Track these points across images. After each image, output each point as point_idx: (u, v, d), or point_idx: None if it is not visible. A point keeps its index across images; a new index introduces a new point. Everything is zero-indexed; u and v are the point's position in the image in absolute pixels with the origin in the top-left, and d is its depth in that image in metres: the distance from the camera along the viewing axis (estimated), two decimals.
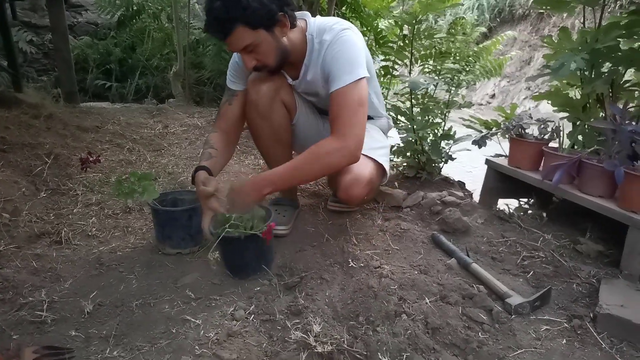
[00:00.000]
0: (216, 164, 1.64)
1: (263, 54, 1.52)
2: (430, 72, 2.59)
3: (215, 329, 1.21)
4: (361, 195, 1.66)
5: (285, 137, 1.82)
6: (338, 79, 1.51)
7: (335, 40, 1.55)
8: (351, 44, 1.55)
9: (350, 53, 1.53)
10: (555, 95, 2.10)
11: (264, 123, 1.75)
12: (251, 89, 1.70)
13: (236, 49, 1.50)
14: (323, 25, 1.60)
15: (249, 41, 1.46)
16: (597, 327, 1.26)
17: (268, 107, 1.70)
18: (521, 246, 1.69)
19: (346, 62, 1.52)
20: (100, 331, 1.24)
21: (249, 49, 1.49)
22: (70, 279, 1.50)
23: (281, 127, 1.78)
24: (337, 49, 1.54)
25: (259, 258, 1.51)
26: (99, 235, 1.81)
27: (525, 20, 10.69)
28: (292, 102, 1.78)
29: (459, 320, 1.25)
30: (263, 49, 1.50)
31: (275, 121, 1.75)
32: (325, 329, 1.21)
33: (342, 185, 1.62)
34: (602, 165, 1.60)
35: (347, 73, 1.50)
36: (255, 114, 1.73)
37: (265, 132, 1.78)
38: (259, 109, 1.71)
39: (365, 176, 1.63)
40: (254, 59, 1.52)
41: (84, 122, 3.12)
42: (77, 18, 6.29)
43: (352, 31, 1.58)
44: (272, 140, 1.80)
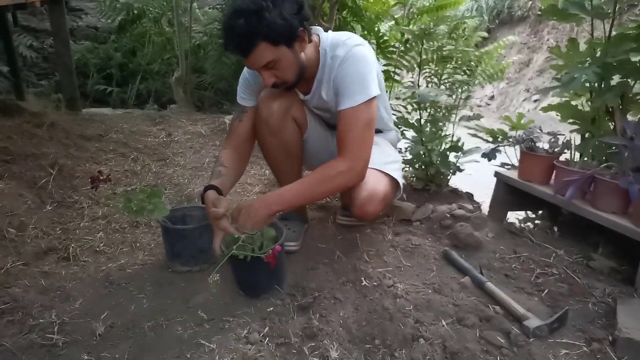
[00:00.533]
0: (226, 182, 1.63)
1: (283, 70, 1.50)
2: (430, 76, 2.58)
3: (230, 353, 1.20)
4: (377, 212, 1.64)
5: (296, 153, 1.80)
6: (349, 98, 1.50)
7: (347, 57, 1.54)
8: (364, 60, 1.53)
9: (362, 70, 1.52)
10: (565, 107, 2.09)
11: (275, 140, 1.73)
12: (262, 106, 1.68)
13: (257, 66, 1.47)
14: (336, 40, 1.59)
15: (271, 58, 1.44)
16: (617, 351, 1.24)
17: (279, 124, 1.68)
18: (534, 262, 1.68)
19: (358, 81, 1.50)
20: (113, 355, 1.22)
21: (270, 65, 1.46)
22: (80, 299, 1.48)
23: (292, 144, 1.76)
24: (349, 65, 1.53)
25: (270, 277, 1.49)
26: (107, 251, 1.79)
27: (524, 22, 10.70)
28: (304, 118, 1.76)
29: (477, 344, 1.23)
30: (284, 65, 1.48)
31: (286, 138, 1.73)
32: (342, 354, 1.20)
33: (358, 202, 1.60)
34: (615, 182, 1.59)
35: (358, 93, 1.49)
36: (266, 131, 1.71)
37: (275, 148, 1.76)
38: (270, 126, 1.69)
39: (381, 192, 1.62)
40: (273, 75, 1.50)
41: (86, 131, 3.10)
42: (77, 22, 6.26)
43: (365, 47, 1.57)
44: (283, 156, 1.79)
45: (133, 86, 5.17)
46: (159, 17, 5.36)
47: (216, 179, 1.61)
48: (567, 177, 1.72)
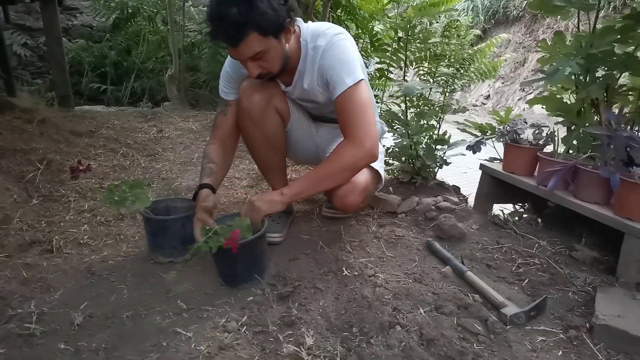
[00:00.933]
0: (218, 178, 1.67)
1: (270, 61, 1.50)
2: (425, 74, 2.58)
3: (206, 341, 1.19)
4: (357, 203, 1.65)
5: (279, 144, 1.81)
6: (340, 83, 1.51)
7: (330, 46, 1.55)
8: (345, 47, 1.56)
9: (346, 56, 1.54)
10: (550, 100, 2.09)
11: (257, 131, 1.73)
12: (243, 97, 1.68)
13: (244, 57, 1.46)
14: (316, 31, 1.59)
15: (260, 48, 1.43)
16: (594, 338, 1.24)
17: (261, 114, 1.68)
18: (516, 253, 1.68)
19: (344, 66, 1.53)
20: (90, 344, 1.22)
21: (258, 56, 1.46)
22: (60, 289, 1.48)
23: (275, 135, 1.76)
24: (333, 53, 1.54)
25: (249, 267, 1.49)
26: (91, 243, 1.79)
27: (519, 21, 10.72)
28: (286, 109, 1.76)
29: (454, 331, 1.23)
30: (271, 56, 1.48)
31: (268, 129, 1.73)
32: (318, 341, 1.19)
33: (338, 193, 1.61)
34: (597, 172, 1.59)
35: (347, 76, 1.51)
36: (249, 122, 1.71)
37: (258, 139, 1.76)
38: (252, 117, 1.69)
39: (361, 184, 1.63)
40: (259, 66, 1.49)
41: (77, 127, 3.10)
42: (72, 21, 6.27)
43: (345, 35, 1.59)
44: (266, 147, 1.79)
45: (127, 84, 5.18)
46: (154, 15, 5.38)
47: (208, 177, 1.63)
48: (550, 168, 1.73)
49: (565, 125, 2.09)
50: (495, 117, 2.45)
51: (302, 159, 2.16)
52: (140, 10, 5.31)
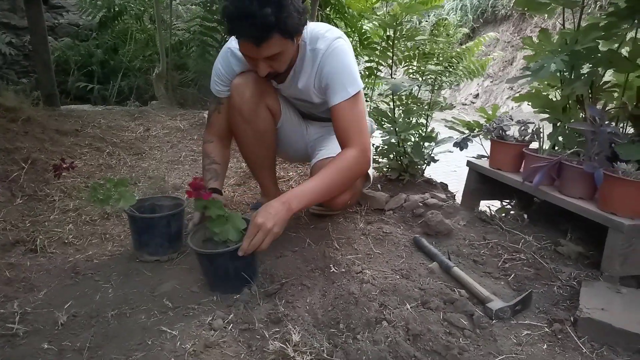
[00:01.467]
0: (222, 180, 1.70)
1: (282, 62, 1.49)
2: (414, 73, 2.59)
3: (192, 339, 1.18)
4: (344, 201, 1.65)
5: (269, 141, 1.80)
6: (342, 91, 1.53)
7: (330, 51, 1.55)
8: (347, 54, 1.57)
9: (348, 64, 1.56)
10: (536, 96, 2.11)
11: (248, 127, 1.72)
12: (235, 94, 1.66)
13: (261, 56, 1.42)
14: (315, 33, 1.58)
15: (279, 50, 1.42)
16: (578, 331, 1.25)
17: (252, 111, 1.68)
18: (502, 248, 1.69)
19: (346, 74, 1.55)
20: (74, 343, 1.20)
21: (274, 57, 1.44)
22: (44, 289, 1.46)
23: (266, 132, 1.75)
24: (335, 60, 1.55)
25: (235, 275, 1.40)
26: (76, 242, 1.77)
27: (507, 20, 10.80)
28: (277, 106, 1.76)
29: (440, 326, 1.23)
30: (284, 57, 1.48)
31: (259, 126, 1.72)
32: (304, 338, 1.19)
33: None
34: (581, 167, 1.60)
35: (349, 85, 1.54)
36: (240, 119, 1.70)
37: (249, 136, 1.75)
38: (243, 114, 1.68)
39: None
40: (269, 66, 1.47)
41: (63, 126, 3.06)
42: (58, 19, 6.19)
43: (344, 40, 1.59)
44: (257, 145, 1.78)
45: (114, 83, 5.13)
46: (141, 13, 5.33)
47: (215, 181, 1.66)
48: (535, 164, 1.74)
49: (550, 122, 2.11)
50: (482, 114, 2.46)
51: (292, 156, 2.16)
52: (127, 9, 5.26)
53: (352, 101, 1.54)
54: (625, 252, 1.48)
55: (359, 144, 1.52)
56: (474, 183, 2.14)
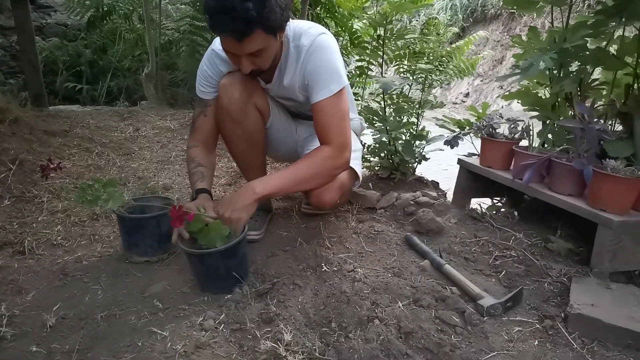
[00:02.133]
0: (210, 182, 1.65)
1: (265, 59, 1.47)
2: (404, 72, 2.59)
3: (183, 340, 1.17)
4: (333, 201, 1.65)
5: (259, 141, 1.79)
6: (324, 88, 1.51)
7: (314, 48, 1.54)
8: (331, 51, 1.55)
9: (332, 60, 1.54)
10: (525, 94, 2.12)
11: (237, 128, 1.70)
12: (222, 94, 1.64)
13: (244, 52, 1.41)
14: (298, 29, 1.57)
15: (261, 46, 1.40)
16: (569, 327, 1.26)
17: (241, 111, 1.66)
18: (493, 246, 1.70)
19: (330, 72, 1.53)
20: (63, 346, 1.19)
21: (257, 53, 1.42)
22: (32, 291, 1.44)
23: (255, 132, 1.74)
24: (318, 57, 1.53)
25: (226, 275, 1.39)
26: (65, 244, 1.75)
27: (497, 20, 10.87)
28: (266, 106, 1.75)
29: (431, 324, 1.23)
30: (267, 54, 1.46)
31: (248, 126, 1.71)
32: (296, 337, 1.18)
33: (314, 191, 1.61)
34: (571, 164, 1.61)
35: (332, 82, 1.52)
36: (228, 119, 1.68)
37: (238, 137, 1.73)
38: (232, 114, 1.66)
39: (337, 182, 1.62)
40: (253, 63, 1.46)
41: (51, 126, 3.03)
42: (46, 19, 6.13)
43: (328, 35, 1.58)
44: (246, 145, 1.76)
45: (103, 83, 5.08)
46: (130, 13, 5.28)
47: (202, 182, 1.60)
48: (525, 162, 1.75)
49: (540, 120, 2.12)
50: (472, 112, 2.47)
51: (282, 156, 2.15)
52: (116, 8, 5.20)
53: (335, 99, 1.52)
54: (614, 249, 1.49)
55: (337, 141, 1.51)
56: (465, 181, 2.14)
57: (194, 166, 1.65)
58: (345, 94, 1.57)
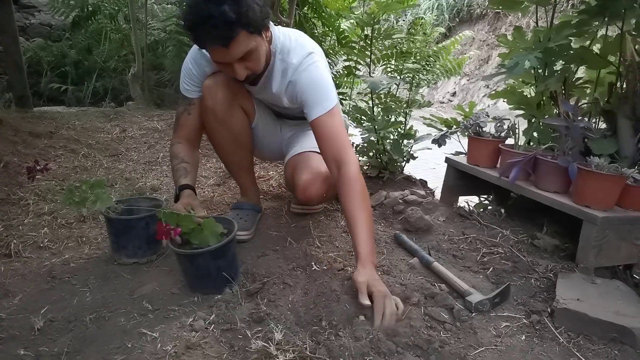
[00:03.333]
0: (193, 178, 1.63)
1: (256, 60, 1.46)
2: (392, 71, 2.61)
3: (173, 341, 1.17)
4: (319, 194, 1.65)
5: (245, 141, 1.79)
6: (318, 105, 1.52)
7: (303, 68, 1.55)
8: (319, 70, 1.56)
9: (321, 80, 1.55)
10: (511, 93, 2.15)
11: (223, 128, 1.70)
12: (207, 95, 1.64)
13: (234, 57, 1.40)
14: (287, 44, 1.57)
15: (249, 47, 1.39)
16: (555, 322, 1.28)
17: (226, 112, 1.66)
18: (481, 243, 1.72)
19: (321, 90, 1.54)
20: (52, 349, 1.17)
21: (246, 56, 1.41)
22: (19, 294, 1.42)
23: (241, 132, 1.74)
24: (308, 78, 1.54)
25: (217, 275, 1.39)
26: (52, 246, 1.73)
27: (482, 19, 10.97)
28: (251, 106, 1.75)
29: (421, 321, 1.24)
30: (257, 55, 1.44)
31: (234, 126, 1.71)
32: (287, 336, 1.19)
33: (300, 186, 1.62)
34: (556, 162, 1.64)
35: (325, 100, 1.53)
36: (213, 120, 1.68)
37: (224, 137, 1.73)
38: (217, 115, 1.66)
39: (322, 174, 1.64)
40: (246, 67, 1.45)
41: (36, 128, 2.99)
42: (30, 19, 6.06)
43: (316, 54, 1.58)
44: (232, 145, 1.76)
45: (89, 84, 5.03)
46: (115, 13, 5.24)
47: (185, 178, 1.58)
48: (511, 160, 1.77)
49: (525, 118, 2.15)
50: (459, 111, 2.49)
51: (268, 156, 2.16)
52: (101, 8, 5.16)
53: (330, 115, 1.52)
54: (599, 244, 1.52)
55: (351, 157, 1.50)
56: (453, 179, 2.16)
57: (177, 162, 1.64)
58: (339, 111, 1.58)
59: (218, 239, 1.39)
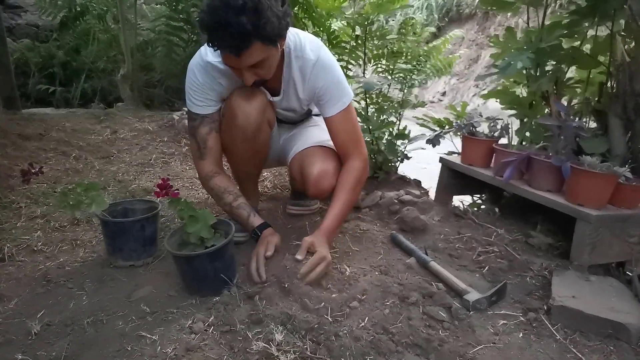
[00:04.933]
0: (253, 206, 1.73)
1: (267, 69, 1.44)
2: (383, 71, 2.62)
3: (172, 343, 1.17)
4: (331, 187, 1.64)
5: (264, 154, 1.80)
6: (337, 102, 1.58)
7: (322, 64, 1.56)
8: (335, 65, 1.60)
9: (339, 75, 1.60)
10: (503, 93, 2.17)
11: (249, 146, 1.66)
12: (239, 114, 1.56)
13: (244, 65, 1.38)
14: (299, 41, 1.56)
15: (261, 57, 1.37)
16: (551, 319, 1.30)
17: (256, 131, 1.62)
18: (476, 242, 1.73)
19: (340, 86, 1.59)
20: (50, 353, 1.17)
21: (258, 64, 1.39)
22: (15, 299, 1.41)
23: (264, 147, 1.75)
24: (328, 73, 1.57)
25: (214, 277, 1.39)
26: (45, 250, 1.71)
27: (472, 19, 11.06)
28: (273, 119, 1.75)
29: (419, 320, 1.26)
30: (268, 64, 1.43)
31: (260, 143, 1.69)
32: (287, 337, 1.19)
33: (312, 180, 1.62)
34: (549, 161, 1.66)
35: (343, 95, 1.59)
36: (241, 138, 1.62)
37: (247, 152, 1.69)
38: (247, 134, 1.61)
39: (332, 167, 1.65)
40: (255, 74, 1.43)
41: (25, 130, 2.95)
42: (16, 20, 5.97)
43: (326, 49, 1.60)
44: (252, 160, 1.76)
45: (77, 85, 4.96)
46: (104, 13, 5.17)
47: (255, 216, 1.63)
48: (505, 159, 1.79)
49: (518, 118, 2.17)
50: (452, 111, 2.51)
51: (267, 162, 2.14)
52: (90, 8, 5.09)
53: (347, 111, 1.59)
54: (593, 242, 1.54)
55: (360, 153, 1.62)
56: (447, 179, 2.18)
57: (232, 198, 1.62)
58: (353, 106, 1.65)
59: (210, 232, 1.39)
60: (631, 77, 1.69)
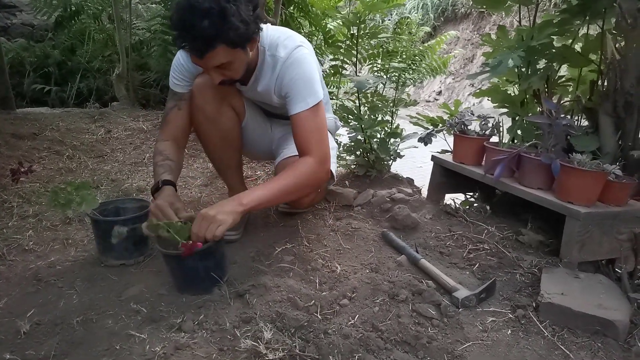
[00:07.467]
0: (176, 176, 1.60)
1: (234, 70, 1.46)
2: (378, 70, 2.62)
3: (161, 342, 1.17)
4: (309, 200, 1.66)
5: (235, 141, 1.78)
6: (301, 101, 1.53)
7: (291, 61, 1.55)
8: (307, 63, 1.56)
9: (308, 74, 1.55)
10: (495, 92, 2.18)
11: (213, 127, 1.69)
12: (197, 93, 1.63)
13: (208, 66, 1.41)
14: (275, 39, 1.58)
15: (225, 60, 1.39)
16: (540, 316, 1.31)
17: (216, 111, 1.65)
18: (467, 239, 1.74)
19: (306, 84, 1.54)
20: (39, 352, 1.16)
21: (222, 66, 1.42)
22: (4, 298, 1.40)
23: (231, 131, 1.74)
24: (295, 70, 1.54)
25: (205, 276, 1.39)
26: (37, 249, 1.71)
27: (467, 19, 11.08)
28: (241, 105, 1.75)
29: (409, 318, 1.26)
30: (235, 66, 1.45)
31: (224, 125, 1.70)
32: (276, 335, 1.19)
33: None
34: (539, 159, 1.67)
35: (309, 95, 1.53)
36: (203, 118, 1.67)
37: (214, 136, 1.73)
38: (207, 114, 1.65)
39: None
40: (222, 74, 1.45)
41: (19, 129, 2.95)
42: (11, 19, 5.96)
43: (305, 47, 1.59)
44: (222, 145, 1.76)
45: (72, 85, 4.96)
46: (99, 13, 5.16)
47: (169, 174, 1.55)
48: (495, 157, 1.79)
49: (509, 116, 2.18)
50: (445, 110, 2.52)
51: (258, 155, 2.16)
52: (85, 8, 5.08)
53: (312, 111, 1.53)
54: (582, 239, 1.55)
55: (318, 154, 1.51)
56: (439, 177, 2.19)
57: (161, 159, 1.60)
58: (323, 107, 1.58)
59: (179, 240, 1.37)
60: (621, 75, 1.69)
